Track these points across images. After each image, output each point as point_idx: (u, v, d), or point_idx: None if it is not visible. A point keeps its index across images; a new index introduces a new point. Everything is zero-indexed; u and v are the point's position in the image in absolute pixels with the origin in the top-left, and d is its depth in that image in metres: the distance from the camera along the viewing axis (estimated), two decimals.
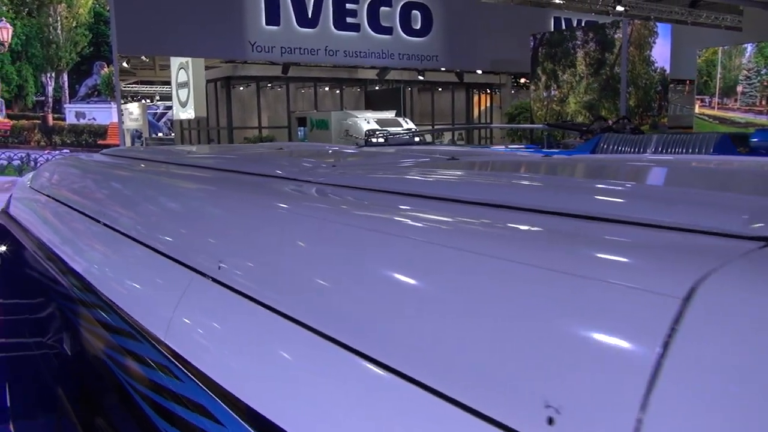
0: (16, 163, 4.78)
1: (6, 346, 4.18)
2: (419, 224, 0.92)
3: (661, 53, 10.35)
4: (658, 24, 10.41)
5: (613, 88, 10.15)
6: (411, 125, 17.60)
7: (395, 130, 16.92)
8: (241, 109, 22.36)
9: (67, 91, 5.26)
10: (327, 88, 23.49)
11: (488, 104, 26.22)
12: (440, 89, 25.02)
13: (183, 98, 12.99)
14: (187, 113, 13.01)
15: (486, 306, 0.65)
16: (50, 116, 5.09)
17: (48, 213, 2.85)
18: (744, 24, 14.24)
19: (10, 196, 3.73)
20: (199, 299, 1.14)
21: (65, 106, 5.25)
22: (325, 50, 9.60)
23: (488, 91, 26.25)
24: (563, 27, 12.41)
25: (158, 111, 21.88)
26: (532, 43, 11.50)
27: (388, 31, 10.10)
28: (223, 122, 20.73)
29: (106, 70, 5.54)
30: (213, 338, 1.08)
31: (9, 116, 4.86)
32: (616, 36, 10.03)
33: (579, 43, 10.57)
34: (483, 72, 21.00)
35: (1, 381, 4.45)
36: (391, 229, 0.92)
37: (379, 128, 16.92)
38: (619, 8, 14.92)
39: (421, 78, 21.73)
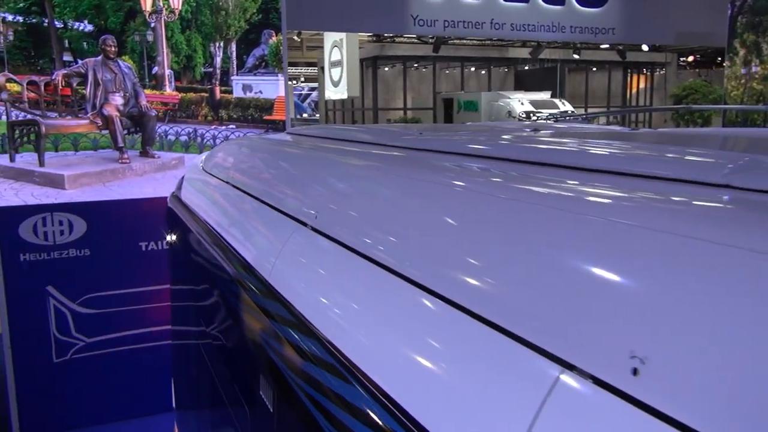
0: (183, 138, 4.58)
1: (173, 335, 3.93)
2: None
3: None
4: None
5: None
6: (568, 107, 16.36)
7: (551, 113, 15.76)
8: (385, 90, 22.15)
9: (234, 62, 5.00)
10: (473, 69, 22.65)
11: (649, 84, 24.09)
12: (594, 69, 23.34)
13: (336, 78, 12.70)
14: (340, 93, 12.71)
15: None
16: (218, 89, 4.85)
17: (225, 201, 2.43)
18: None
19: (182, 179, 3.39)
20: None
21: (232, 78, 5.00)
22: (491, 23, 8.80)
23: (647, 71, 24.10)
24: None
25: (303, 92, 22.17)
26: (729, 12, 9.98)
27: (560, 1, 9.08)
28: (368, 103, 20.51)
29: (274, 39, 5.24)
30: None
31: (177, 89, 4.74)
32: None
33: None
34: (652, 49, 19.15)
35: (166, 369, 4.26)
36: None
37: (534, 110, 15.89)
38: None
39: (576, 57, 20.25)
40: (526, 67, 22.58)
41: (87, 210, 4.26)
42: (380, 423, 0.80)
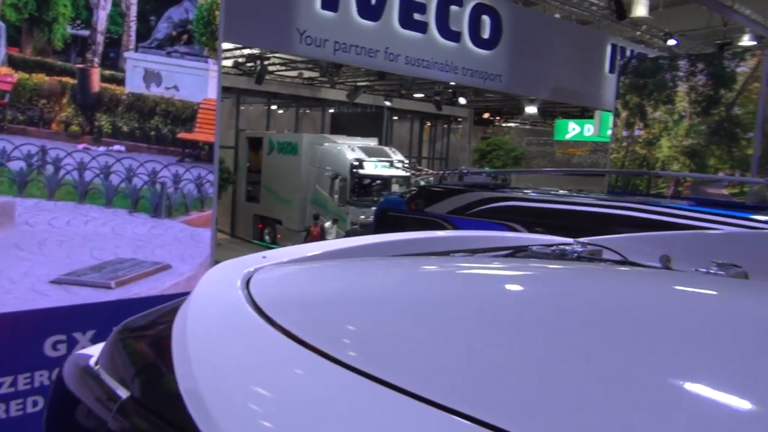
0: (15, 166, 2.02)
1: None
2: None
3: None
4: None
5: (729, 132, 8.37)
6: (399, 156, 15.18)
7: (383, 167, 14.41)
8: None
9: (133, 26, 2.37)
10: (276, 107, 20.69)
11: (446, 136, 24.44)
12: (396, 117, 22.98)
13: None
14: None
15: None
16: (96, 71, 2.23)
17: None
18: None
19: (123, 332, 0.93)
20: None
21: (126, 55, 2.40)
22: (385, 52, 7.15)
23: (446, 124, 24.50)
24: (620, 56, 10.64)
25: None
26: (616, 72, 9.56)
27: (456, 37, 7.84)
28: None
29: None
30: None
31: (12, 62, 2.10)
32: (738, 69, 8.23)
33: (683, 74, 8.70)
34: (464, 104, 19.14)
35: None
36: None
37: (366, 158, 14.39)
38: (671, 42, 13.32)
39: (388, 104, 19.49)
40: (332, 111, 21.33)
41: None
42: None
